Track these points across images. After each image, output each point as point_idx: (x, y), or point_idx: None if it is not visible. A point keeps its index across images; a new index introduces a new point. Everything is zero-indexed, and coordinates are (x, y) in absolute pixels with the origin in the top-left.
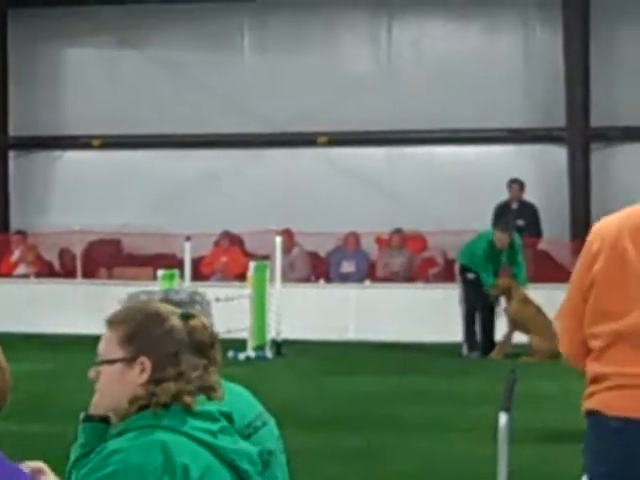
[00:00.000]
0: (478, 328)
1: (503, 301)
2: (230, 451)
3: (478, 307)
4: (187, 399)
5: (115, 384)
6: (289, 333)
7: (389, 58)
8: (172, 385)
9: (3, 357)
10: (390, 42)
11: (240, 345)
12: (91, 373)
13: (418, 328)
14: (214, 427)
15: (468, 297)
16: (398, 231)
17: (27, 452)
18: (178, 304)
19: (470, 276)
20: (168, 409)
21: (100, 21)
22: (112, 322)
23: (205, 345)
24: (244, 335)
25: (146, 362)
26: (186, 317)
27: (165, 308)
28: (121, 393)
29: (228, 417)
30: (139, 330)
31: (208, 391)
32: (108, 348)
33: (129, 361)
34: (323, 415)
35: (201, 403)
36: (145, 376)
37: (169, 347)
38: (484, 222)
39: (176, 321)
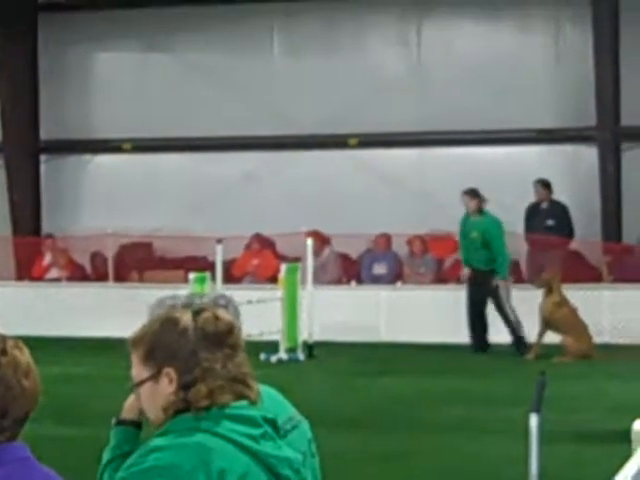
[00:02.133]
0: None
1: (540, 297)
2: (271, 457)
3: (469, 304)
4: (221, 398)
5: (152, 400)
6: (321, 335)
7: (419, 59)
8: (202, 387)
9: (32, 360)
10: (420, 43)
11: (272, 347)
12: (134, 399)
13: (450, 329)
14: (255, 432)
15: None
16: (419, 237)
17: (59, 455)
18: None
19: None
20: (209, 412)
21: (129, 25)
22: (132, 343)
23: (220, 334)
24: (276, 337)
25: (170, 372)
26: (196, 313)
27: (176, 311)
28: (159, 406)
29: (273, 423)
30: (155, 343)
31: (241, 384)
32: (136, 370)
33: (155, 376)
34: (356, 416)
35: (244, 408)
36: (174, 385)
37: (186, 349)
38: (515, 223)
39: (187, 320)
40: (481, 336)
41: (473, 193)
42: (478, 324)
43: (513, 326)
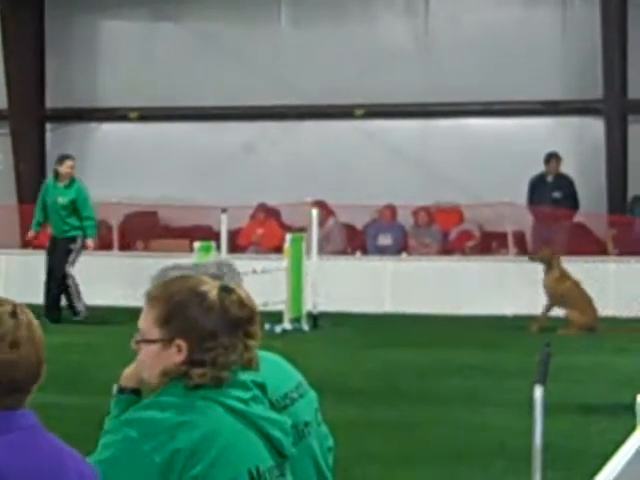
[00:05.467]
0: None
1: (541, 272)
2: (261, 418)
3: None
4: (220, 382)
5: (152, 361)
6: (326, 305)
7: (426, 30)
8: (207, 371)
9: (41, 330)
10: (427, 13)
11: (277, 318)
12: (133, 345)
13: (454, 301)
14: (246, 395)
15: None
16: (424, 208)
17: (63, 423)
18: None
19: None
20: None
21: None
22: (151, 298)
23: (242, 320)
24: (281, 308)
25: (182, 345)
26: (224, 291)
27: (204, 284)
28: (157, 368)
29: (261, 387)
30: (176, 311)
31: (244, 366)
32: (147, 326)
33: (166, 342)
34: (359, 387)
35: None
36: (182, 357)
37: (206, 327)
38: (520, 195)
39: (214, 298)
40: (54, 306)
41: (69, 157)
42: (56, 293)
43: (71, 294)
